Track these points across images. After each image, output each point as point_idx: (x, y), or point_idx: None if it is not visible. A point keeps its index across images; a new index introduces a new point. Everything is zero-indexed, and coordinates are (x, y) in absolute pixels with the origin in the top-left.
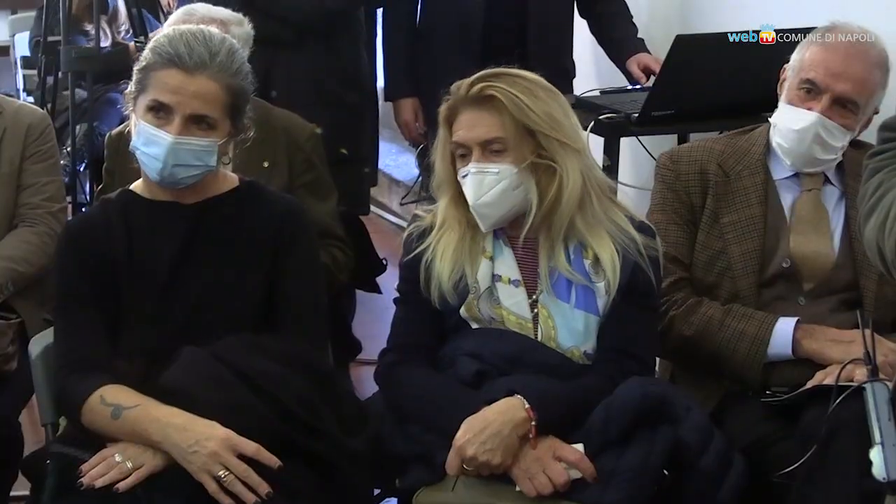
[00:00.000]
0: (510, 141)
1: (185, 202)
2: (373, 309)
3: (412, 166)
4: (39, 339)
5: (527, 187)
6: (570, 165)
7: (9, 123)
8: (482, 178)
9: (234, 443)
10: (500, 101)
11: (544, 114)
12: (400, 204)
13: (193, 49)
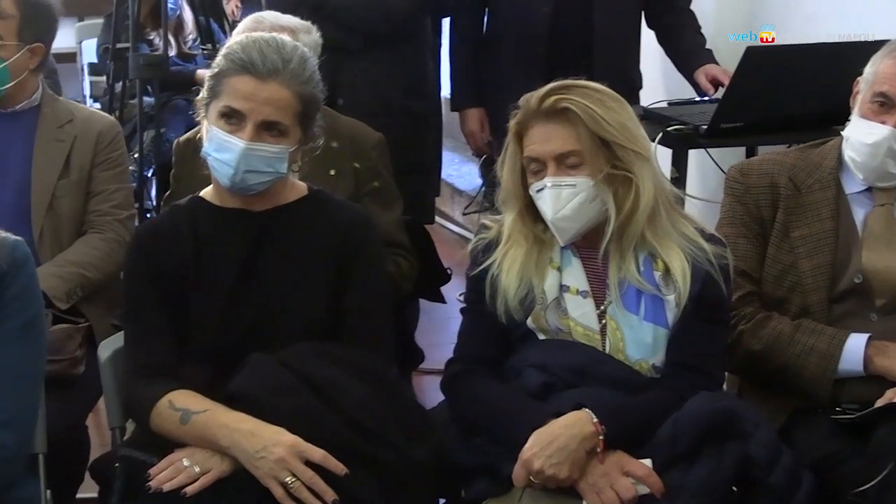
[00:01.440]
0: (586, 153)
1: (254, 209)
2: (435, 318)
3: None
4: (108, 343)
5: (603, 199)
6: (644, 175)
7: (79, 131)
8: (559, 192)
9: (301, 449)
10: (574, 113)
11: (618, 124)
12: (462, 214)
13: (266, 56)
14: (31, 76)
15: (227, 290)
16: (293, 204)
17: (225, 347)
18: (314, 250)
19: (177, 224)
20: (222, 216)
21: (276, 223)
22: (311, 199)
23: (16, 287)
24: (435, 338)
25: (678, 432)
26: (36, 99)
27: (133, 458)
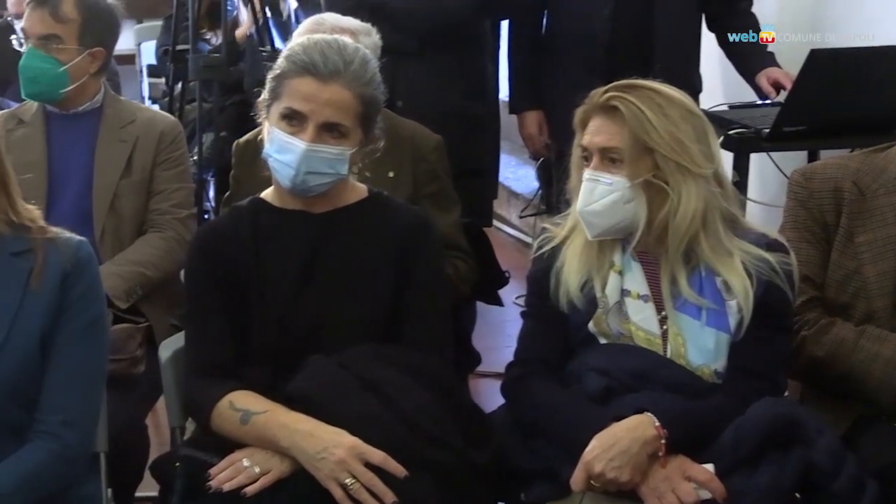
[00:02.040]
0: (627, 154)
1: (314, 211)
2: (491, 321)
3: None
4: (169, 343)
5: (638, 204)
6: (685, 191)
7: (141, 131)
8: (594, 186)
9: (361, 451)
10: (622, 113)
11: (667, 134)
12: (519, 217)
13: (328, 57)
14: (92, 79)
15: (287, 292)
16: (353, 206)
17: (284, 348)
18: (374, 252)
19: (238, 225)
20: (283, 217)
21: (337, 225)
22: (372, 201)
23: (80, 287)
24: (491, 341)
25: (740, 438)
26: (98, 101)
27: (194, 458)
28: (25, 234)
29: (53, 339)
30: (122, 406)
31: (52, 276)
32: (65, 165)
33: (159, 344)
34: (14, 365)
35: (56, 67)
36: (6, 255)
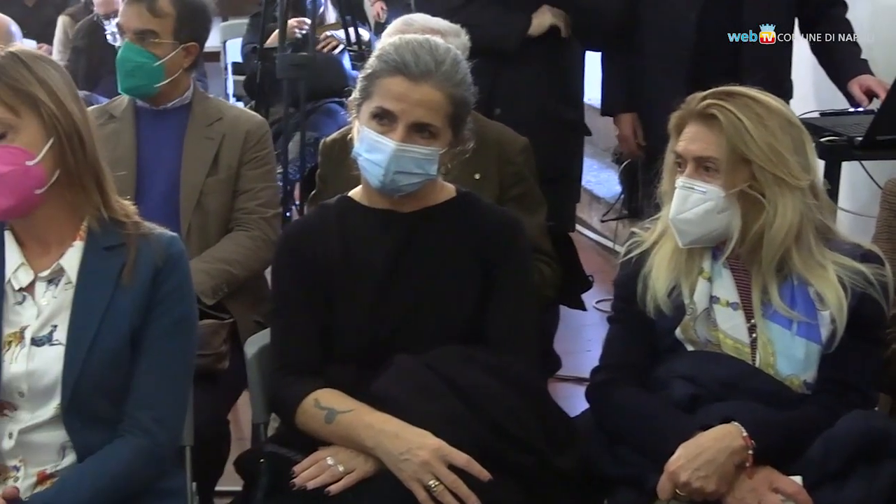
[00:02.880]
0: (723, 163)
1: (403, 210)
2: (571, 325)
3: (614, 183)
4: (255, 340)
5: (732, 214)
6: (781, 203)
7: (228, 129)
8: (688, 195)
9: (445, 453)
10: (720, 122)
11: (766, 145)
12: (601, 221)
13: (419, 57)
14: (184, 75)
15: (373, 291)
16: (442, 206)
17: (370, 347)
18: (462, 253)
19: (325, 223)
20: (371, 216)
21: (425, 225)
22: (460, 201)
23: (171, 283)
24: (570, 345)
25: (830, 450)
26: (187, 97)
27: (278, 455)
28: (119, 230)
29: (143, 334)
30: (206, 401)
31: (144, 272)
32: (153, 161)
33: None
34: (104, 359)
35: (152, 62)
36: (99, 250)
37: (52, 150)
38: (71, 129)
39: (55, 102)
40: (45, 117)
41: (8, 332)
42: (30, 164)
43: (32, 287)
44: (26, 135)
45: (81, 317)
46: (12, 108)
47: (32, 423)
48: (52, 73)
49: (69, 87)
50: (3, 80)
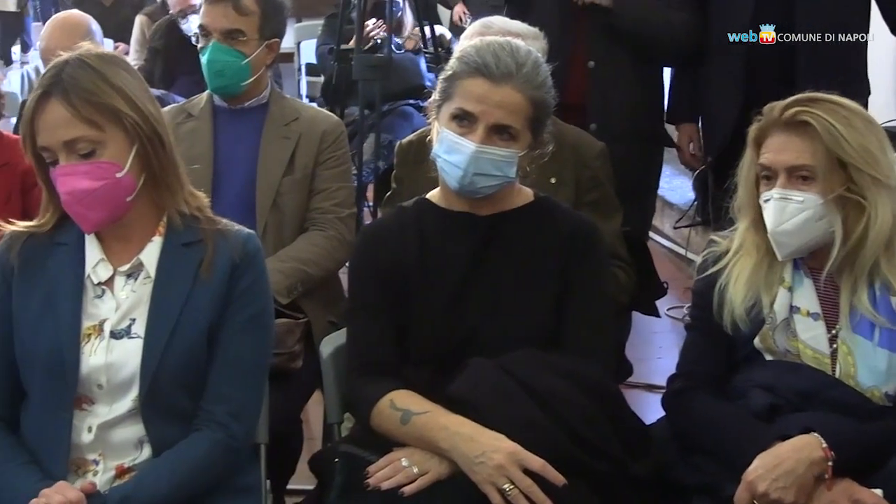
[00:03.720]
0: (819, 170)
1: (480, 213)
2: (642, 331)
3: (687, 189)
4: (330, 340)
5: (831, 220)
6: (880, 203)
7: (304, 129)
8: (784, 206)
9: (520, 457)
10: (814, 128)
11: (860, 146)
12: (673, 227)
13: (500, 59)
14: (265, 73)
15: (450, 293)
16: (519, 209)
17: (445, 350)
18: (539, 257)
19: (403, 225)
20: (448, 219)
21: (502, 228)
22: (538, 205)
23: (247, 279)
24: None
25: None
26: (265, 97)
27: (353, 455)
28: (196, 225)
29: (220, 329)
30: (279, 400)
31: (221, 268)
32: (230, 160)
33: (317, 340)
34: (182, 353)
35: (240, 60)
36: (178, 246)
37: (137, 156)
38: (152, 133)
39: (134, 109)
40: (127, 127)
41: (87, 325)
42: (119, 176)
43: (112, 281)
44: (112, 147)
45: (160, 311)
46: (96, 124)
47: (110, 417)
48: (124, 76)
49: (142, 87)
50: (81, 96)
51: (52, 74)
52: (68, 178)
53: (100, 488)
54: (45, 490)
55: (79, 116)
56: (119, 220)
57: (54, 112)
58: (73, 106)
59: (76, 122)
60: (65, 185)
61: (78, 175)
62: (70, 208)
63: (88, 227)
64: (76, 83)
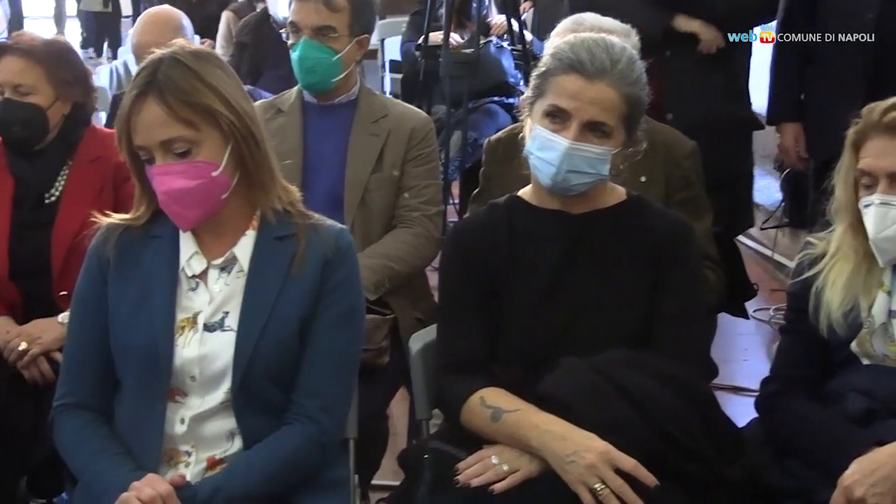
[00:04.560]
0: None
1: (572, 211)
2: (727, 333)
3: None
4: (419, 336)
5: None
6: None
7: (393, 126)
8: (886, 212)
9: (612, 457)
10: None
11: None
12: (760, 229)
13: (595, 55)
14: (355, 69)
15: (541, 291)
16: (612, 208)
17: (536, 348)
18: (631, 256)
19: (494, 222)
20: (540, 216)
21: (594, 226)
22: (630, 204)
23: (339, 275)
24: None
25: None
26: (354, 93)
27: (442, 452)
28: (289, 220)
29: (312, 324)
30: (366, 395)
31: (314, 262)
32: (319, 156)
33: (403, 337)
34: (274, 346)
35: (331, 56)
36: (271, 240)
37: (232, 154)
38: (246, 131)
39: (229, 108)
40: (222, 126)
41: (181, 317)
42: (215, 175)
43: (205, 274)
44: (208, 146)
45: (253, 304)
46: (191, 124)
47: (203, 409)
48: (218, 73)
49: (236, 84)
50: (177, 96)
51: (147, 74)
52: (165, 178)
53: (191, 479)
54: (135, 483)
55: (174, 116)
56: (214, 217)
57: (150, 112)
58: (168, 106)
59: (172, 122)
60: (161, 184)
61: (174, 174)
62: (167, 207)
63: (185, 225)
64: (171, 83)
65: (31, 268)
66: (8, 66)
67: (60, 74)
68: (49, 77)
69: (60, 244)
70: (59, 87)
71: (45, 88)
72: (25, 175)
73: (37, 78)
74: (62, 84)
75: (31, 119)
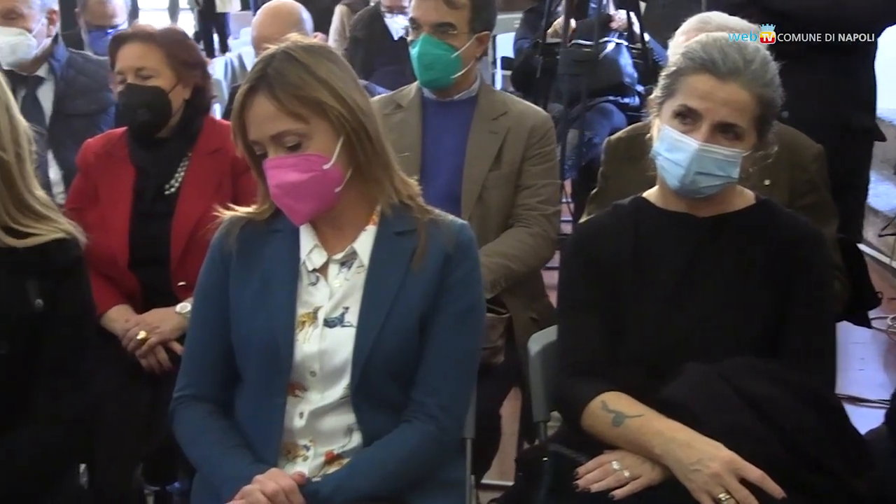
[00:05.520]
0: None
1: (699, 214)
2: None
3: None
4: (538, 337)
5: None
6: None
7: (513, 124)
8: None
9: (738, 466)
10: None
11: None
12: (878, 235)
13: (728, 55)
14: (475, 65)
15: (665, 295)
16: (740, 212)
17: (659, 353)
18: (759, 261)
19: (619, 223)
20: (666, 219)
21: (722, 230)
22: (760, 208)
23: (460, 271)
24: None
25: None
26: (474, 90)
27: (562, 455)
28: (409, 215)
29: (432, 320)
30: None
31: (434, 258)
32: (437, 152)
33: (518, 336)
34: (394, 342)
35: (450, 53)
36: (391, 235)
37: (343, 148)
38: (358, 125)
39: (339, 101)
40: (332, 119)
41: (301, 312)
42: (327, 168)
43: (325, 269)
44: (318, 140)
45: (373, 299)
46: (301, 117)
47: (322, 404)
48: (330, 67)
49: (349, 78)
50: (286, 89)
51: (259, 69)
52: (277, 171)
53: (309, 474)
54: (258, 476)
55: (284, 110)
56: (329, 210)
57: (261, 107)
58: (278, 100)
59: (282, 116)
60: (274, 177)
61: (286, 168)
62: (279, 200)
63: (298, 218)
64: (281, 77)
65: (150, 258)
66: (129, 52)
67: (180, 57)
68: (169, 60)
69: (179, 235)
70: (179, 69)
71: (166, 71)
72: (147, 166)
73: (157, 61)
74: (182, 66)
75: (154, 102)
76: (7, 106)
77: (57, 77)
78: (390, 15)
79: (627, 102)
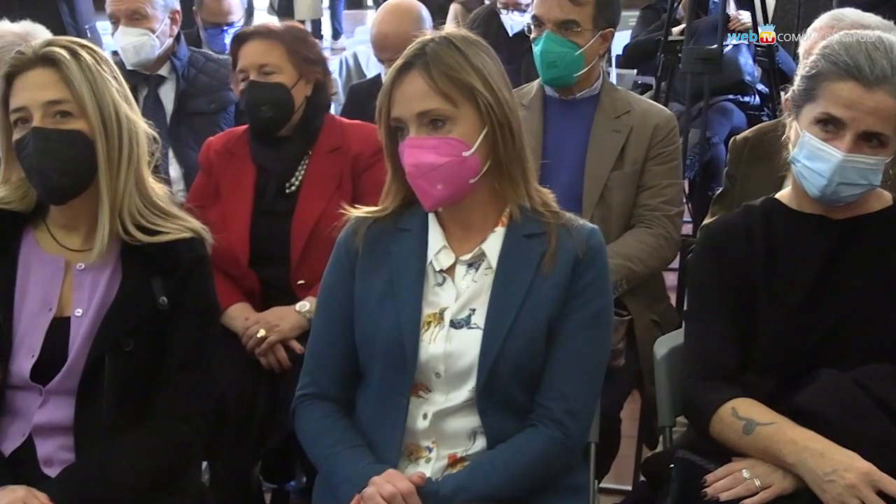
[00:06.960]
0: None
1: (834, 217)
2: None
3: None
4: (665, 340)
5: None
6: None
7: (636, 122)
8: None
9: (875, 478)
10: None
11: None
12: None
13: (875, 61)
14: (598, 63)
15: (798, 299)
16: (877, 214)
17: (791, 358)
18: None
19: (750, 225)
20: (799, 221)
21: (858, 233)
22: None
23: (590, 275)
24: None
25: None
26: (596, 87)
27: (690, 462)
28: (539, 218)
29: (560, 324)
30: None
31: (564, 262)
32: (558, 151)
33: (639, 338)
34: (521, 346)
35: (573, 51)
36: (520, 237)
37: (485, 139)
38: (503, 119)
39: (490, 91)
40: (480, 107)
41: (427, 312)
42: (466, 155)
43: (453, 269)
44: (463, 125)
45: (500, 302)
46: (451, 99)
47: (447, 405)
48: (485, 59)
49: (501, 74)
50: (440, 69)
51: (417, 48)
52: (415, 151)
53: (430, 475)
54: (375, 478)
55: (435, 89)
56: (460, 201)
57: (413, 83)
58: (431, 78)
59: (432, 94)
60: (411, 157)
61: (425, 149)
62: (413, 181)
63: (429, 203)
64: (438, 57)
65: (271, 256)
66: (251, 49)
67: (302, 53)
68: (290, 56)
69: (300, 233)
70: (300, 65)
71: (288, 67)
72: (268, 164)
73: (279, 57)
74: (304, 62)
75: (277, 98)
76: (132, 106)
77: (179, 76)
78: (506, 12)
79: (747, 101)
